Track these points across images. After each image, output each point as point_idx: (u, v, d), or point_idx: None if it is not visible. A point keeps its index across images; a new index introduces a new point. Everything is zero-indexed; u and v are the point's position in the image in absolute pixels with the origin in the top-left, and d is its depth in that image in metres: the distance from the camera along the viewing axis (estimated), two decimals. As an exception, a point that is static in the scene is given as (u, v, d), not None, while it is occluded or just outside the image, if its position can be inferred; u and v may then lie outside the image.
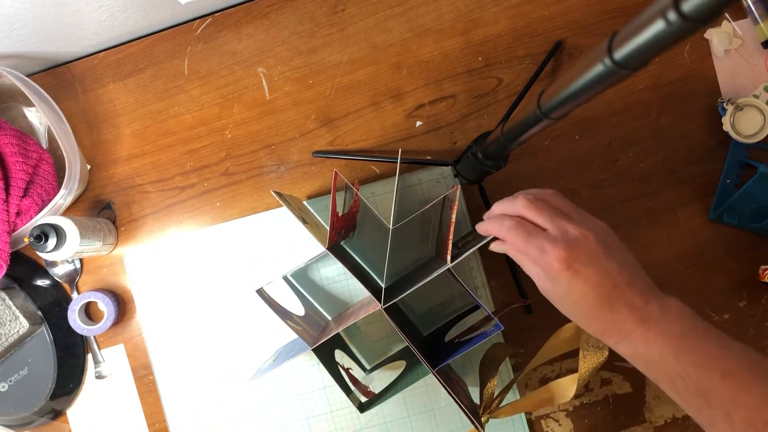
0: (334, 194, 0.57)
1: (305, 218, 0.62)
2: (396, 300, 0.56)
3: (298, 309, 0.67)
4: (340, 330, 0.58)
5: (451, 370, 0.67)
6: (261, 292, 0.60)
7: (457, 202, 0.57)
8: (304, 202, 0.71)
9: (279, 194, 0.60)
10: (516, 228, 0.47)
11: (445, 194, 0.62)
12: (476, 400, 0.63)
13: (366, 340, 0.70)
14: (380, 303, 0.56)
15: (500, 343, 0.67)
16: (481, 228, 0.52)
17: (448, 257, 0.56)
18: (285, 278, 0.69)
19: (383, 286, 0.64)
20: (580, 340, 0.57)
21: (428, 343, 0.68)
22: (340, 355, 0.68)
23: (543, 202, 0.48)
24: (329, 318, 0.70)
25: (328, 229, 0.56)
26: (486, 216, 0.53)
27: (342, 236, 0.65)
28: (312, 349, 0.58)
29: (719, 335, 0.42)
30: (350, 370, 0.67)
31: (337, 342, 0.68)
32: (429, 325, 0.70)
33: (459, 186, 0.60)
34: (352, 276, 0.59)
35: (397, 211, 0.61)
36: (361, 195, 0.63)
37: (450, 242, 0.56)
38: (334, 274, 0.70)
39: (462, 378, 0.68)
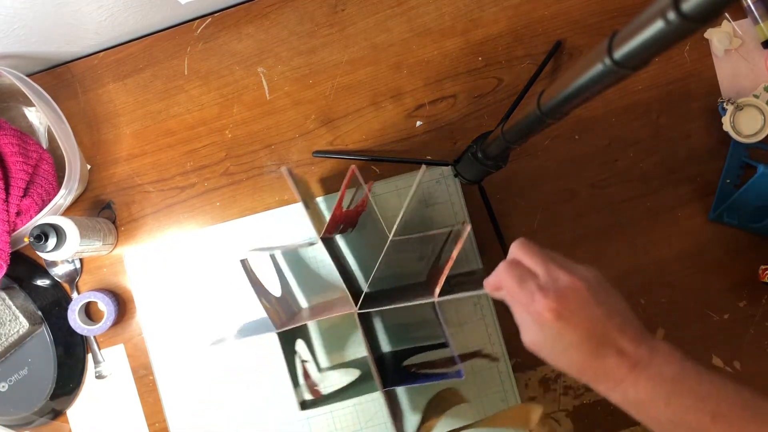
0: (345, 188, 0.57)
1: (308, 203, 0.62)
2: (372, 310, 0.56)
3: (275, 290, 0.67)
4: (310, 321, 0.58)
5: (396, 395, 0.67)
6: (244, 263, 0.60)
7: (462, 240, 0.57)
8: (317, 199, 0.71)
9: (289, 171, 0.60)
10: (509, 269, 0.47)
11: (453, 227, 0.61)
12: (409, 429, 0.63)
13: (329, 339, 0.70)
14: (356, 306, 0.56)
15: (456, 391, 0.65)
16: (487, 286, 0.51)
17: (437, 290, 0.56)
18: (272, 256, 0.69)
19: (365, 290, 0.64)
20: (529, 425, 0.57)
21: (387, 360, 0.67)
22: (301, 345, 0.67)
23: (536, 245, 0.48)
24: (304, 306, 0.70)
25: (327, 219, 0.56)
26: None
27: (340, 230, 0.65)
28: (276, 332, 0.58)
29: (710, 376, 0.42)
30: (305, 363, 0.67)
31: (302, 332, 0.68)
32: (395, 341, 0.70)
33: (470, 225, 0.58)
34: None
35: (402, 223, 0.60)
36: (371, 197, 0.62)
37: (444, 276, 0.56)
38: (325, 258, 0.70)
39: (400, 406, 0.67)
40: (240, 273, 0.70)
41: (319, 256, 0.70)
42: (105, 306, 0.69)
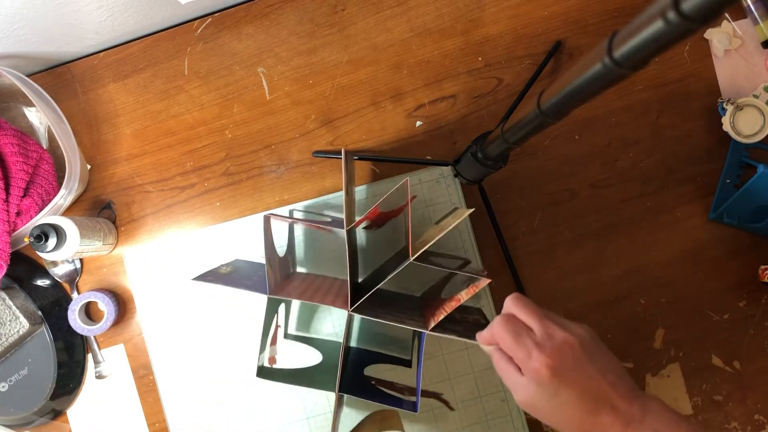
0: (410, 201, 0.57)
1: (349, 190, 0.61)
2: (363, 317, 0.56)
3: (281, 250, 0.67)
4: (301, 300, 0.57)
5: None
6: (267, 219, 0.59)
7: (477, 289, 0.56)
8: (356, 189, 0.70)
9: (346, 153, 0.60)
10: (505, 324, 0.47)
11: (473, 270, 0.61)
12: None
13: (304, 308, 0.69)
14: (349, 307, 0.56)
15: (398, 417, 0.64)
16: (481, 338, 0.51)
17: (432, 324, 0.56)
18: (291, 211, 0.68)
19: (358, 280, 0.63)
20: None
21: (352, 355, 0.67)
22: (281, 310, 0.67)
23: (530, 301, 0.49)
24: (301, 270, 0.70)
25: (359, 216, 0.56)
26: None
27: (366, 226, 0.65)
28: (267, 296, 0.57)
29: None
30: (279, 328, 0.66)
31: (280, 301, 0.68)
32: (365, 340, 0.69)
33: (488, 280, 0.57)
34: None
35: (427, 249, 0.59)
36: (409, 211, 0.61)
37: (444, 313, 0.56)
38: (336, 240, 0.69)
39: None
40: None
41: (331, 236, 0.70)
42: (105, 306, 0.69)
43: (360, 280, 0.66)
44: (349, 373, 0.63)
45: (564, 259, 0.71)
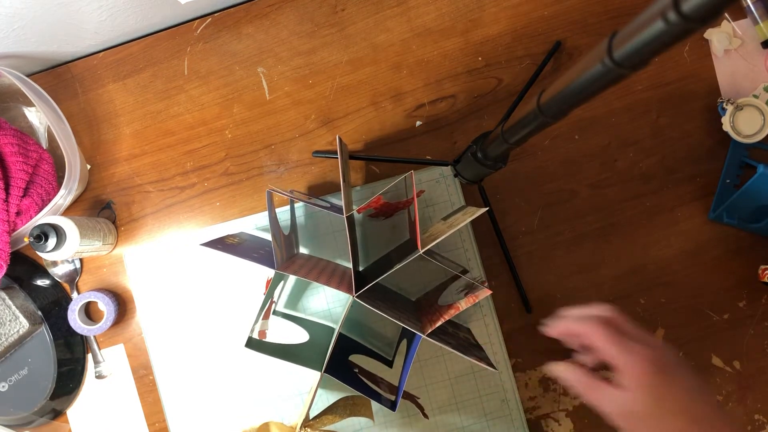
0: (416, 195, 0.57)
1: (346, 176, 0.61)
2: (365, 305, 0.56)
3: (285, 228, 0.67)
4: (307, 279, 0.56)
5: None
6: (270, 194, 0.59)
7: (477, 299, 0.56)
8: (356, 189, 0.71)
9: (341, 141, 0.60)
10: (606, 327, 0.45)
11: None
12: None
13: (296, 286, 0.70)
14: (353, 293, 0.56)
15: (369, 405, 0.64)
16: (556, 330, 0.49)
17: (429, 329, 0.56)
18: (291, 201, 0.68)
19: (359, 269, 0.63)
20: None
21: (339, 340, 0.67)
22: (279, 286, 0.67)
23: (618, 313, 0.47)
24: (303, 251, 0.70)
25: (359, 205, 0.55)
26: (558, 317, 0.50)
27: (368, 213, 0.65)
28: (275, 270, 0.57)
29: None
30: (273, 303, 0.66)
31: (284, 277, 0.68)
32: (349, 328, 0.69)
33: (490, 291, 0.57)
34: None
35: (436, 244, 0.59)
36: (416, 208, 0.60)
37: (443, 319, 0.56)
38: (336, 225, 0.69)
39: None
40: (240, 273, 0.70)
41: (333, 220, 0.70)
42: (105, 306, 0.69)
43: (360, 269, 0.66)
44: (336, 357, 0.63)
45: (564, 258, 0.71)
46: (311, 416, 0.61)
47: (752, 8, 0.69)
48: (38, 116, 0.73)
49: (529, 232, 0.71)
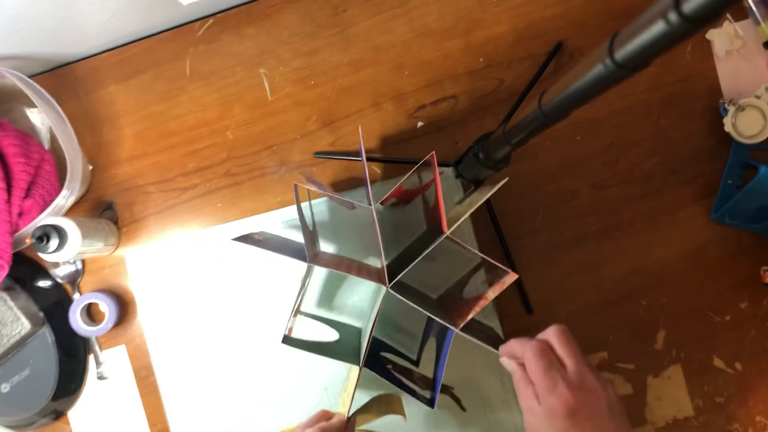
0: (438, 179, 0.56)
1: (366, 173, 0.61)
2: (399, 296, 0.55)
3: (309, 222, 0.67)
4: (338, 270, 0.56)
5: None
6: (296, 187, 0.59)
7: (503, 287, 0.56)
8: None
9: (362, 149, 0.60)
10: (540, 352, 0.46)
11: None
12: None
13: (327, 285, 0.69)
14: (387, 283, 0.55)
15: (401, 403, 0.64)
16: (505, 349, 0.51)
17: (460, 323, 0.55)
18: (308, 191, 0.67)
19: (383, 265, 0.63)
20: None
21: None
22: (309, 282, 0.67)
23: (573, 339, 0.48)
24: (329, 250, 0.70)
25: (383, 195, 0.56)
26: (510, 340, 0.53)
27: (392, 204, 0.65)
28: (307, 264, 0.57)
29: None
30: (302, 297, 0.66)
31: (312, 273, 0.67)
32: (378, 329, 0.69)
33: (516, 276, 0.56)
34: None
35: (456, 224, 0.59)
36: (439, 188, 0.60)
37: (474, 312, 0.56)
38: (351, 218, 0.69)
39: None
40: (241, 274, 0.70)
41: (351, 218, 0.69)
42: (106, 307, 0.69)
43: (386, 261, 0.66)
44: (370, 351, 0.63)
45: (565, 259, 0.70)
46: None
47: (754, 9, 0.69)
48: (40, 117, 0.73)
49: (530, 233, 0.71)
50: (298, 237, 0.68)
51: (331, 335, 0.68)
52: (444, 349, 0.59)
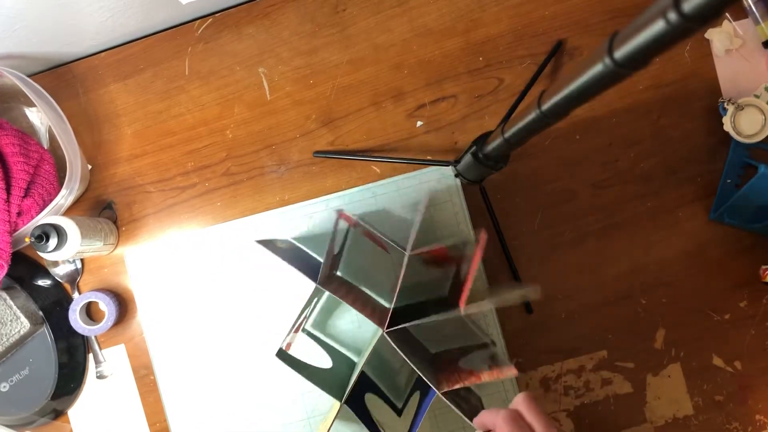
0: (479, 257, 0.57)
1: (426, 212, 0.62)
2: (396, 327, 0.56)
3: (339, 246, 0.67)
4: (343, 301, 0.57)
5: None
6: (338, 213, 0.60)
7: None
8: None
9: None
10: (512, 420, 0.48)
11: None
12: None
13: (325, 308, 0.69)
14: (384, 327, 0.55)
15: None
16: (478, 420, 0.52)
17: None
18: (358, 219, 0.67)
19: (391, 307, 0.64)
20: None
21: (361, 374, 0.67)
22: (318, 302, 0.67)
23: (540, 405, 0.49)
24: (346, 273, 0.70)
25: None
26: (482, 412, 0.54)
27: (423, 259, 0.66)
28: (316, 285, 0.58)
29: None
30: (306, 320, 0.66)
31: (321, 294, 0.68)
32: (371, 368, 0.69)
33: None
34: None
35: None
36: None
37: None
38: (373, 256, 0.69)
39: None
40: (241, 273, 0.70)
41: (380, 253, 0.69)
42: (106, 306, 0.69)
43: (393, 305, 0.66)
44: (355, 391, 0.63)
45: (565, 259, 0.71)
46: None
47: (753, 8, 0.69)
48: (39, 116, 0.73)
49: (530, 233, 0.71)
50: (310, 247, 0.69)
51: (324, 362, 0.68)
52: (423, 406, 0.59)
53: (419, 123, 0.72)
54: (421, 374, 0.55)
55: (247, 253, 0.70)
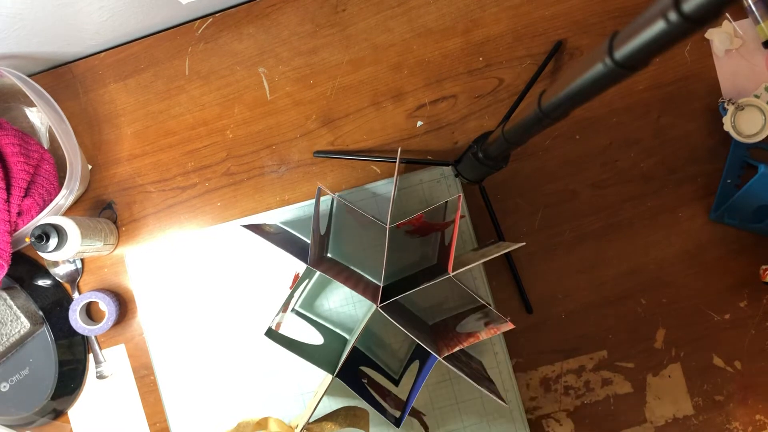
0: (458, 218, 0.57)
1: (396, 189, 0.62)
2: (389, 301, 0.56)
3: (321, 229, 0.67)
4: (336, 280, 0.57)
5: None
6: (319, 190, 0.60)
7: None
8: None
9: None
10: None
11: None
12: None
13: (315, 288, 0.69)
14: (378, 302, 0.56)
15: (367, 417, 0.64)
16: None
17: (446, 353, 0.56)
18: (332, 201, 0.68)
19: (381, 284, 0.64)
20: None
21: (352, 356, 0.67)
22: (309, 283, 0.67)
23: None
24: (336, 254, 0.70)
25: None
26: None
27: (407, 230, 0.66)
28: (307, 265, 0.58)
29: None
30: (295, 299, 0.67)
31: (312, 274, 0.68)
32: (361, 341, 0.69)
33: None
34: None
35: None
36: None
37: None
38: (365, 234, 0.69)
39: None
40: (241, 273, 0.70)
41: (363, 231, 0.69)
42: (106, 306, 0.69)
43: (384, 284, 0.66)
44: (348, 363, 0.63)
45: (565, 258, 0.71)
46: (312, 419, 0.61)
47: (753, 8, 0.69)
48: (39, 116, 0.73)
49: (530, 233, 0.71)
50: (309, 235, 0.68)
51: (316, 339, 0.68)
52: (423, 374, 0.59)
53: (419, 123, 0.72)
54: (419, 342, 0.56)
55: (247, 254, 0.70)
